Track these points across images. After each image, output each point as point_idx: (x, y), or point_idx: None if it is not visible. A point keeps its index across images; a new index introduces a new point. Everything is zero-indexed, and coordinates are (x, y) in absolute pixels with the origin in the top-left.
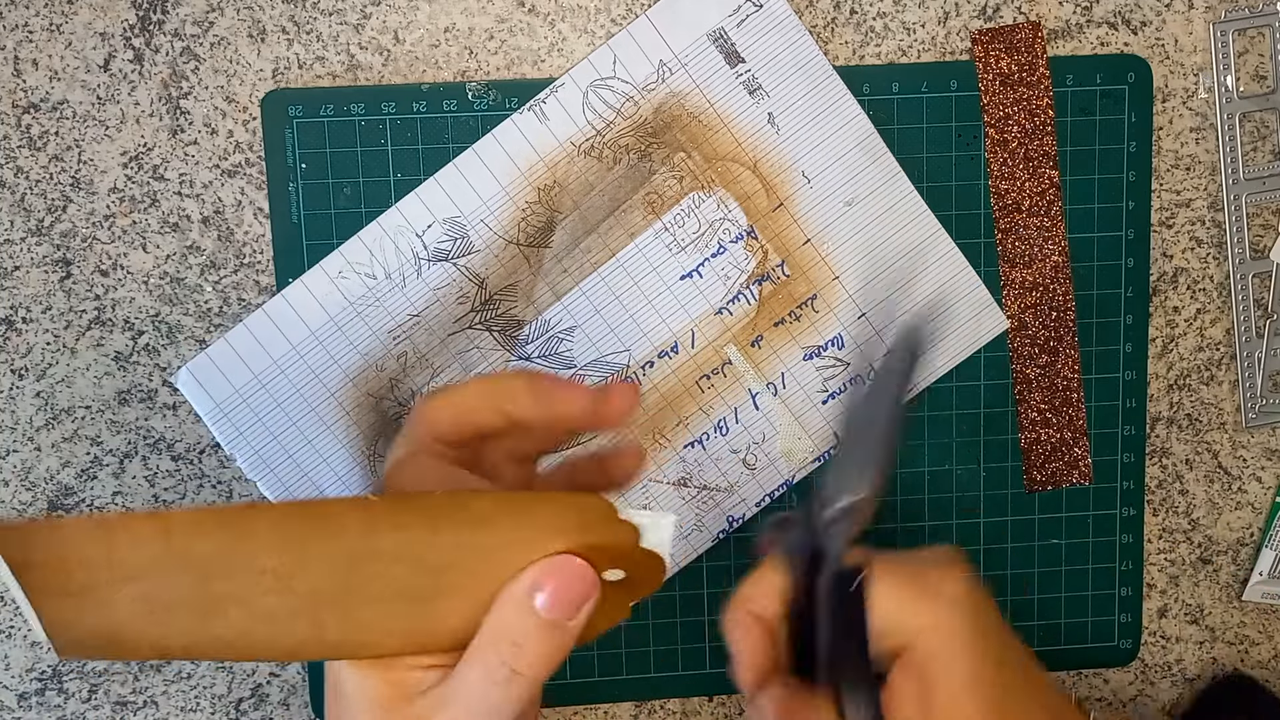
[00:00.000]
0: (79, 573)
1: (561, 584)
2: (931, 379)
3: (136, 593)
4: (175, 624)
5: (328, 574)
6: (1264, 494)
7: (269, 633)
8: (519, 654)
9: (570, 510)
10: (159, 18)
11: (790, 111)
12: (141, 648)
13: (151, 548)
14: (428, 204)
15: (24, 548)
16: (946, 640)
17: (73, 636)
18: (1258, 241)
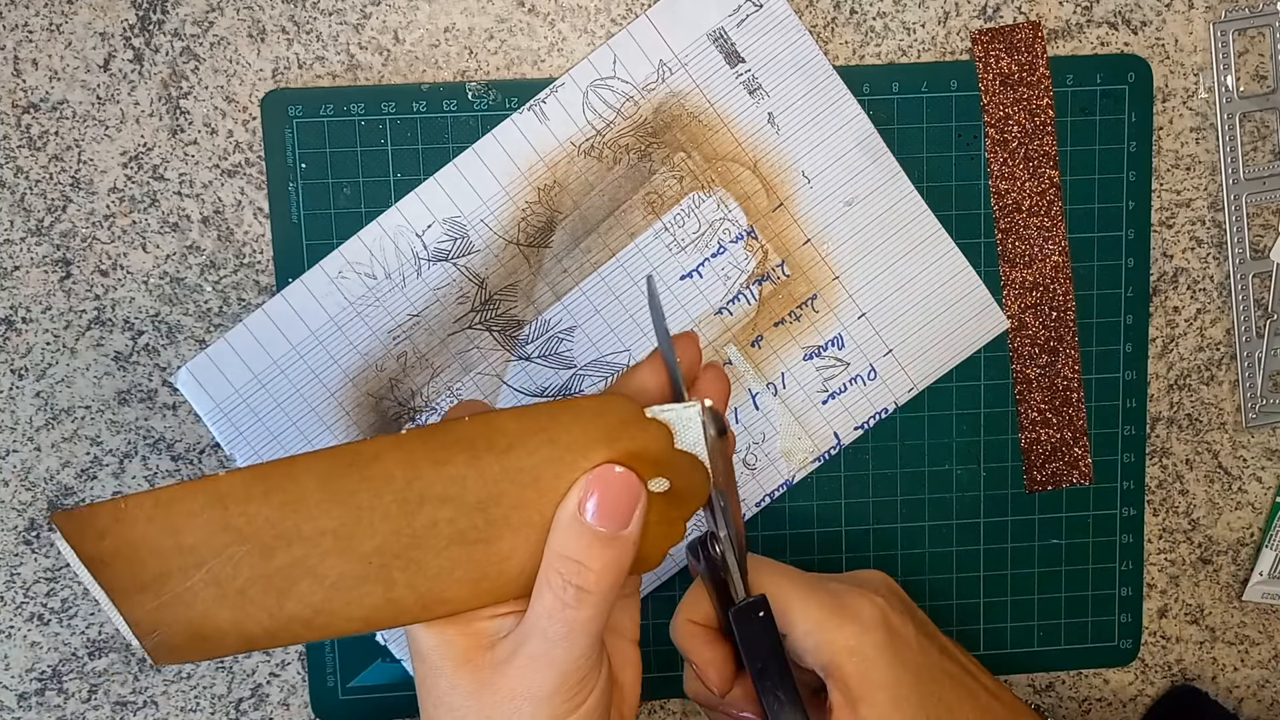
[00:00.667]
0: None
1: (605, 493)
2: (931, 379)
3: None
4: (252, 606)
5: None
6: (1264, 494)
7: (343, 602)
8: (582, 571)
9: (596, 415)
10: (159, 18)
11: (790, 111)
12: (228, 639)
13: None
14: (428, 204)
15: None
16: (864, 663)
17: (162, 638)
18: (1258, 241)
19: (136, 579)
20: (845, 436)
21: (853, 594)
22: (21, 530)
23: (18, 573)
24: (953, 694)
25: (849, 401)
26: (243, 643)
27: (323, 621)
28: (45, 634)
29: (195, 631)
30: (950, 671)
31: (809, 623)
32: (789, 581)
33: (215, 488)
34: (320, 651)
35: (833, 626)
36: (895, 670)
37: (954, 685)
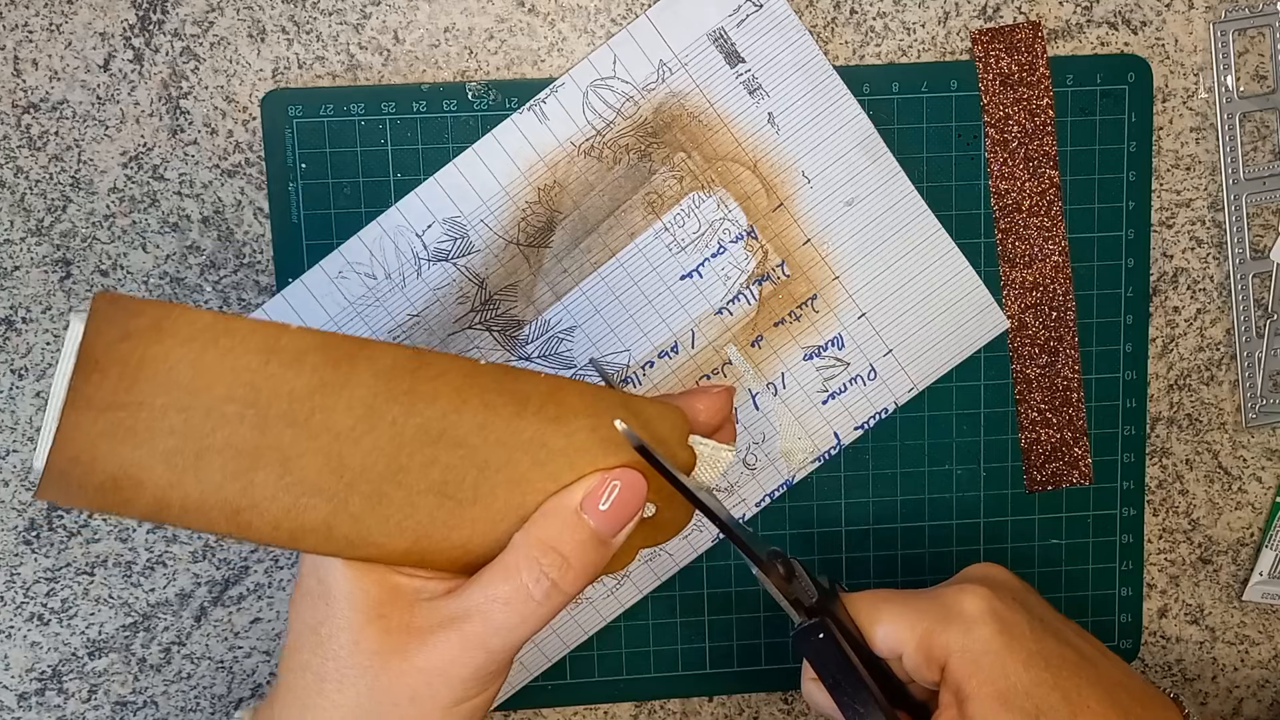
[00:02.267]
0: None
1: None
2: (931, 379)
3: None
4: (197, 474)
5: (386, 448)
6: (1264, 494)
7: (283, 507)
8: (563, 566)
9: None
10: (159, 18)
11: (790, 111)
12: (142, 498)
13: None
14: (428, 204)
15: (118, 336)
16: (973, 661)
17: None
18: (1258, 241)
19: (113, 397)
20: (845, 436)
21: (953, 593)
22: (21, 530)
23: (18, 573)
24: (1071, 681)
25: (849, 401)
26: (153, 508)
27: (249, 519)
28: (45, 634)
29: (115, 476)
30: (1069, 659)
31: (916, 637)
32: (887, 603)
33: (274, 339)
34: None
35: (939, 631)
36: (1003, 663)
37: (1072, 673)
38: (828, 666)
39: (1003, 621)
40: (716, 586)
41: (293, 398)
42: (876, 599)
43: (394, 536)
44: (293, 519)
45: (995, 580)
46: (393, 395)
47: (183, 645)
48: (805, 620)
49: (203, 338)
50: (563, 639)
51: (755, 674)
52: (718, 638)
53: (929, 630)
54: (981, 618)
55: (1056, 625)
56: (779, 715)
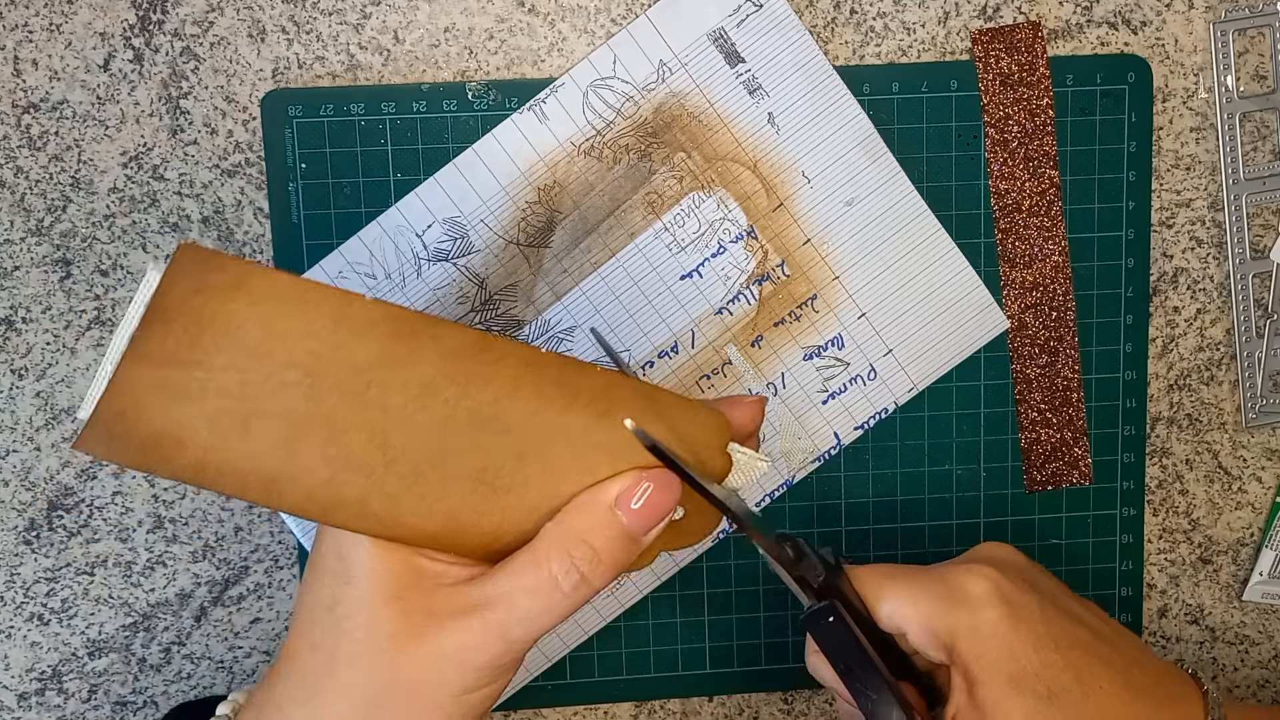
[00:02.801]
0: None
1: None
2: (931, 379)
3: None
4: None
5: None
6: (1264, 494)
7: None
8: (594, 560)
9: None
10: (159, 18)
11: (790, 111)
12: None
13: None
14: (428, 204)
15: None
16: (982, 642)
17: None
18: (1258, 241)
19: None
20: (845, 436)
21: (960, 574)
22: (21, 530)
23: (18, 573)
24: (1083, 661)
25: (849, 401)
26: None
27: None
28: (45, 634)
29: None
30: (1080, 639)
31: (920, 616)
32: (891, 580)
33: (345, 307)
34: None
35: (944, 612)
36: (1012, 645)
37: (1084, 653)
38: (838, 650)
39: (1010, 604)
40: (716, 586)
41: (353, 369)
42: (882, 575)
43: (425, 518)
44: (328, 492)
45: (1003, 560)
46: (451, 376)
47: (183, 645)
48: (815, 603)
49: (278, 300)
50: (563, 639)
51: (755, 674)
52: (718, 638)
53: (934, 611)
54: (988, 600)
55: (1067, 604)
56: (779, 715)
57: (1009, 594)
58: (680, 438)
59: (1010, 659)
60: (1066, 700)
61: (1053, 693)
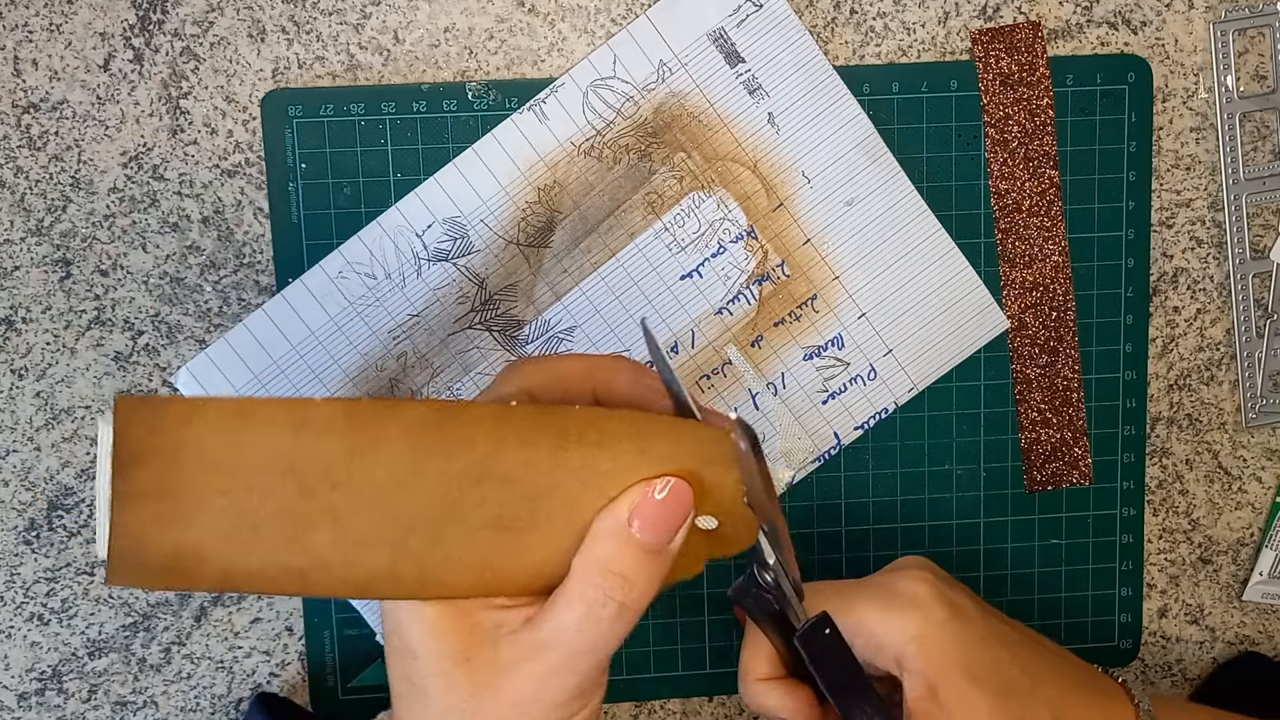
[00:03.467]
0: (188, 472)
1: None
2: (931, 379)
3: (231, 501)
4: (256, 543)
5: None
6: (1264, 494)
7: (348, 560)
8: (626, 586)
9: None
10: (159, 18)
11: (790, 111)
12: (206, 574)
13: (275, 443)
14: (428, 204)
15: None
16: (933, 645)
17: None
18: (1258, 241)
19: (157, 486)
20: (845, 436)
21: (900, 579)
22: (21, 530)
23: (18, 573)
24: (1026, 656)
25: (849, 401)
26: (219, 580)
27: (316, 577)
28: (45, 634)
29: (177, 556)
30: (1014, 637)
31: (869, 624)
32: (834, 593)
33: (302, 414)
34: (320, 651)
35: (894, 619)
36: (964, 643)
37: (1022, 648)
38: (833, 665)
39: (951, 604)
40: (716, 586)
41: (329, 463)
42: (823, 591)
43: (459, 573)
44: (358, 572)
45: (929, 566)
46: (429, 447)
47: (183, 645)
48: (809, 618)
49: (230, 422)
50: None
51: None
52: (718, 638)
53: (880, 618)
54: (933, 601)
55: (989, 607)
56: None
57: (948, 595)
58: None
59: (965, 657)
60: (1019, 693)
61: (1007, 687)
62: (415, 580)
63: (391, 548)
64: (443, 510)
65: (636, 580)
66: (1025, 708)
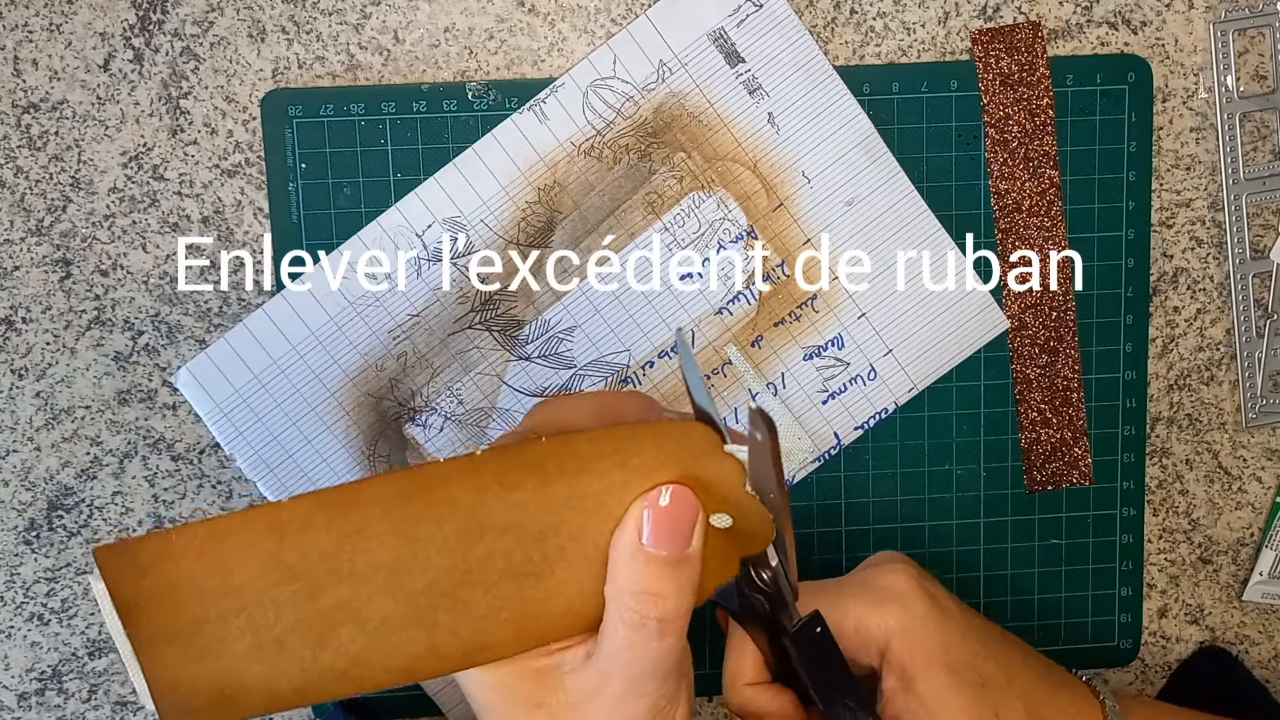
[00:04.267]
0: (190, 604)
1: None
2: (931, 379)
3: (246, 621)
4: (288, 658)
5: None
6: (1264, 494)
7: (383, 650)
8: (659, 602)
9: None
10: (159, 18)
11: (790, 111)
12: (255, 698)
13: (263, 553)
14: (428, 204)
15: (136, 576)
16: (916, 638)
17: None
18: (1258, 241)
19: (170, 626)
20: (845, 436)
21: (879, 573)
22: (21, 530)
23: (18, 573)
24: (1001, 651)
25: (849, 401)
26: (270, 703)
27: (359, 673)
28: (45, 634)
29: (220, 690)
30: (990, 631)
31: (851, 619)
32: (816, 591)
33: (275, 517)
34: None
35: (874, 614)
36: (944, 637)
37: (996, 643)
38: (822, 664)
39: (931, 597)
40: None
41: (325, 557)
42: (807, 590)
43: (498, 631)
44: (397, 659)
45: (906, 559)
46: (414, 517)
47: None
48: (802, 617)
49: (209, 547)
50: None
51: None
52: (718, 638)
53: (864, 613)
54: (914, 594)
55: (961, 602)
56: None
57: (928, 588)
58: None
59: (944, 650)
60: (996, 686)
61: (984, 680)
62: (458, 652)
63: (421, 627)
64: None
65: (667, 593)
66: (1001, 701)
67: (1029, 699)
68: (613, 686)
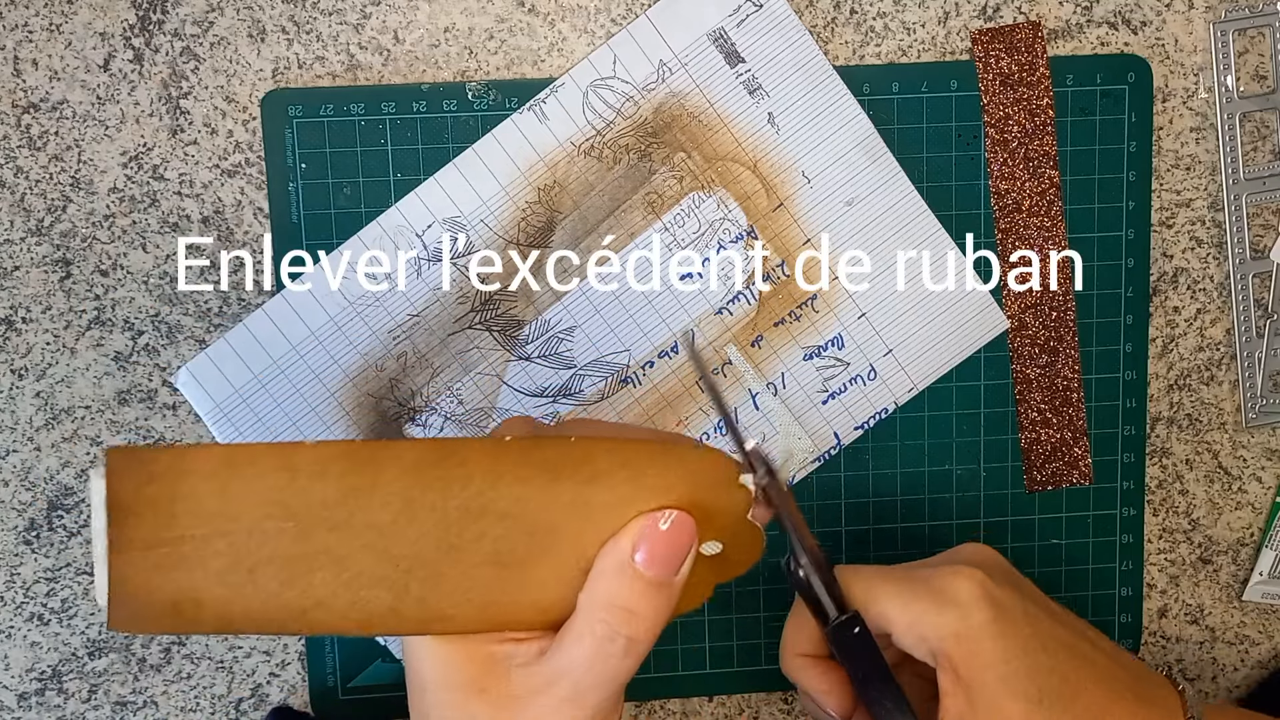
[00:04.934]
0: (183, 520)
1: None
2: (931, 379)
3: (228, 546)
4: (255, 587)
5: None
6: (1264, 494)
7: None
8: (633, 621)
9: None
10: (159, 18)
11: (790, 111)
12: (205, 618)
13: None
14: (428, 204)
15: (141, 483)
16: (972, 645)
17: (136, 604)
18: (1258, 241)
19: (155, 536)
20: (845, 436)
21: (947, 575)
22: (21, 530)
23: (18, 573)
24: (1068, 664)
25: (849, 401)
26: (218, 624)
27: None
28: (45, 634)
29: (175, 603)
30: (1064, 640)
31: (908, 617)
32: (880, 580)
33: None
34: (320, 651)
35: (933, 615)
36: (1002, 647)
37: (1069, 654)
38: (859, 662)
39: (998, 606)
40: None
41: (326, 505)
42: (871, 576)
43: (463, 608)
44: (360, 611)
45: (986, 562)
46: (426, 484)
47: (183, 645)
48: (840, 615)
49: (222, 470)
50: None
51: (755, 674)
52: (718, 638)
53: (923, 612)
54: (976, 602)
55: (1049, 607)
56: (779, 715)
57: (996, 596)
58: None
59: (1001, 661)
60: (1055, 702)
61: (1043, 695)
62: (417, 619)
63: (392, 588)
64: (441, 547)
65: (644, 614)
66: (1059, 717)
67: (1096, 716)
68: (560, 689)
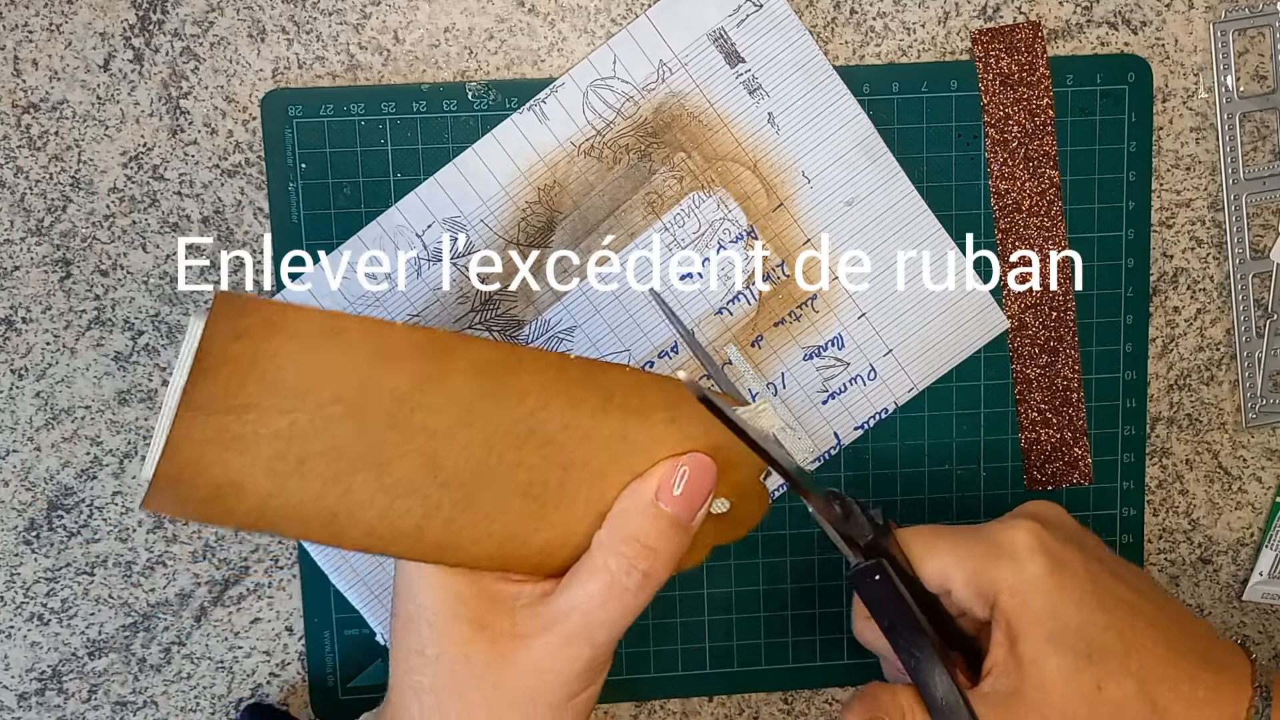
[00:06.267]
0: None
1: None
2: (931, 379)
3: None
4: (299, 480)
5: (477, 450)
6: (1264, 494)
7: (378, 511)
8: (651, 556)
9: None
10: (159, 18)
11: (790, 111)
12: (241, 509)
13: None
14: (428, 204)
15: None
16: (1023, 598)
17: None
18: (1258, 241)
19: (225, 400)
20: (845, 436)
21: (1004, 528)
22: (21, 530)
23: (18, 573)
24: (1126, 620)
25: (849, 401)
26: (254, 517)
27: (344, 525)
28: (45, 634)
29: (220, 485)
30: (1124, 598)
31: (965, 572)
32: (937, 537)
33: (383, 338)
34: (320, 651)
35: (988, 567)
36: (1054, 601)
37: (1129, 612)
38: (883, 609)
39: (1055, 559)
40: (716, 586)
41: (395, 396)
42: (929, 534)
43: (481, 540)
44: (387, 523)
45: (1049, 518)
46: (487, 391)
47: (183, 645)
48: (862, 561)
49: (314, 336)
50: None
51: (755, 674)
52: (718, 638)
53: (979, 566)
54: (1031, 554)
55: (1113, 564)
56: (779, 715)
57: (1053, 549)
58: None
59: (1052, 615)
60: (1107, 658)
61: (1093, 650)
62: (437, 543)
63: (425, 503)
64: (481, 469)
65: (662, 551)
66: (1108, 674)
67: (1145, 677)
68: (567, 626)
